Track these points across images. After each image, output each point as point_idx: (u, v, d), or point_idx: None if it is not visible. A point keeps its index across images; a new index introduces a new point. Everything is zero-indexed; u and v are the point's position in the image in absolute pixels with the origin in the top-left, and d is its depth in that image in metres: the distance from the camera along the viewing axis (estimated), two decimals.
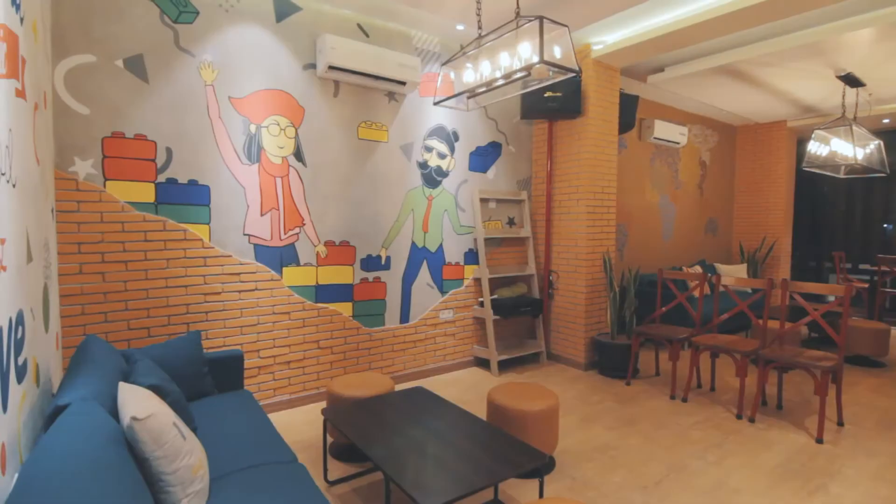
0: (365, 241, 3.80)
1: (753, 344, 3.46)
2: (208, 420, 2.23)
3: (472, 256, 4.44)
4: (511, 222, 4.72)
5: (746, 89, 5.40)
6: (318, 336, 3.61)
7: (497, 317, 4.28)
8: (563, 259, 4.54)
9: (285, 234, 3.44)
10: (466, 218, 4.39)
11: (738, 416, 3.33)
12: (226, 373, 2.71)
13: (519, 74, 2.38)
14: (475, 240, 4.43)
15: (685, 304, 3.99)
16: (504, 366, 4.50)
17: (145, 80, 2.93)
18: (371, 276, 3.84)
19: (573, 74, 2.30)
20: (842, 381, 3.32)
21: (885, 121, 6.55)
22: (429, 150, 4.11)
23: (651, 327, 4.00)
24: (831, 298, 6.54)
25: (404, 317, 4.04)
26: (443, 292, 4.26)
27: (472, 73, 2.70)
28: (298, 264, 3.50)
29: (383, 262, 3.90)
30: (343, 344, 3.73)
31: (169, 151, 3.01)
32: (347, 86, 3.66)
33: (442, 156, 4.19)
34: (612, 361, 4.17)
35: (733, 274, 6.42)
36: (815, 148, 4.66)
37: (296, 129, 3.45)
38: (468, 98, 3.08)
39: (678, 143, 6.18)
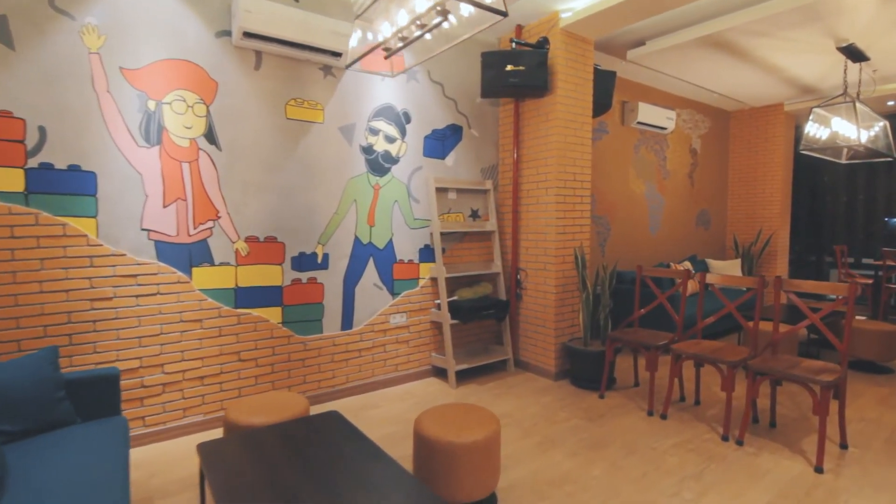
0: (296, 237, 3.31)
1: (742, 352, 2.98)
2: (37, 462, 1.75)
3: (428, 253, 3.95)
4: (475, 215, 4.23)
5: (737, 66, 4.89)
6: (239, 347, 3.13)
7: (455, 321, 3.79)
8: (532, 255, 4.05)
9: (195, 228, 2.95)
10: (421, 210, 3.90)
11: (724, 438, 2.84)
12: (96, 396, 2.23)
13: (436, 20, 1.88)
14: (431, 234, 3.94)
15: (666, 305, 3.50)
16: (465, 376, 4.01)
17: (10, 47, 2.44)
18: (305, 276, 3.35)
19: (501, 17, 1.80)
20: (845, 397, 2.83)
21: (891, 103, 6.05)
22: (374, 132, 3.62)
23: (627, 332, 3.51)
24: (833, 297, 6.05)
25: (347, 322, 3.56)
26: (394, 294, 3.78)
27: (389, 27, 2.20)
28: (212, 264, 3.01)
29: (320, 260, 3.41)
30: (271, 355, 3.25)
31: (42, 131, 2.52)
32: (272, 57, 3.17)
33: (390, 139, 3.70)
34: (585, 370, 3.69)
35: (726, 270, 5.93)
36: (813, 129, 4.16)
37: (207, 107, 2.96)
38: (386, 57, 2.58)
39: (665, 129, 5.68)
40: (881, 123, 4.68)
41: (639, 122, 5.35)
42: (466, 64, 4.08)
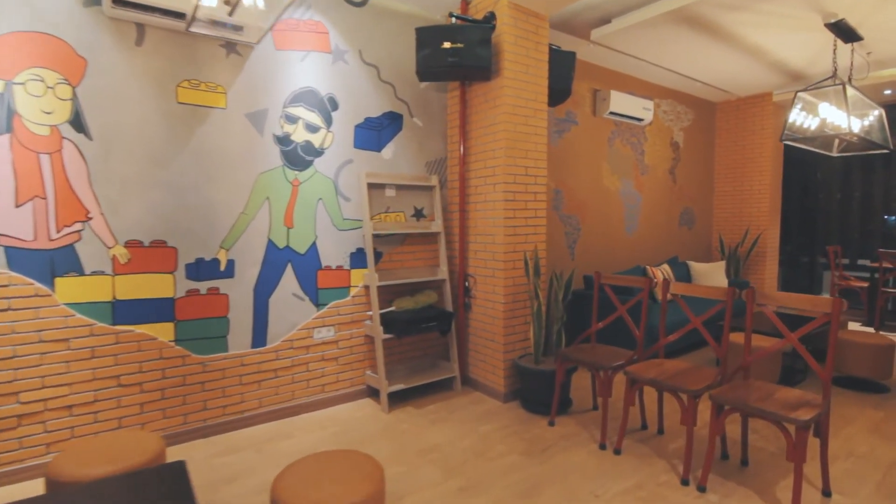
0: (192, 241, 2.85)
1: (708, 376, 2.51)
2: None
3: (361, 258, 3.49)
4: (419, 214, 3.76)
5: (716, 48, 4.42)
6: (119, 370, 2.66)
7: (389, 336, 3.32)
8: (481, 260, 3.58)
9: (58, 232, 2.49)
10: (352, 209, 3.43)
11: (684, 482, 2.38)
12: None
13: None
14: (365, 237, 3.47)
15: (626, 318, 3.03)
16: (403, 397, 3.55)
17: None
18: (204, 286, 2.89)
19: None
20: (828, 433, 2.37)
21: (887, 92, 5.58)
22: (292, 120, 3.15)
23: (581, 349, 3.05)
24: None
25: (259, 339, 3.09)
26: (318, 305, 3.31)
27: None
28: (82, 273, 2.54)
29: (223, 267, 2.95)
30: (160, 378, 2.78)
31: None
32: (158, 31, 2.70)
33: (313, 128, 3.23)
34: (536, 392, 3.23)
35: (709, 273, 5.46)
36: (798, 117, 3.69)
37: (73, 89, 2.49)
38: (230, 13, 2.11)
39: (642, 121, 5.21)
40: (876, 112, 4.20)
41: (611, 113, 4.88)
42: (406, 44, 3.61)
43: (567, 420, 3.13)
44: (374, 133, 3.51)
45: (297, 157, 3.18)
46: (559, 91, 3.69)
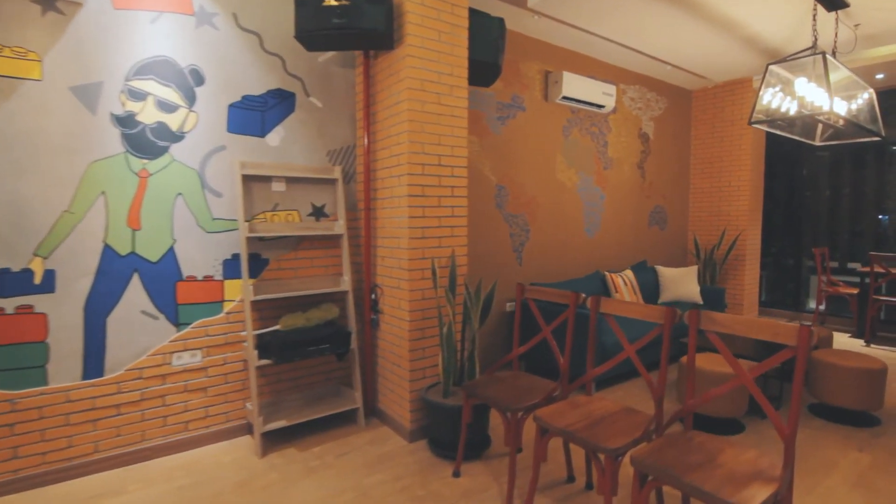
0: None
1: (638, 425, 1.90)
2: None
3: (239, 266, 2.87)
4: (319, 213, 3.14)
5: (681, 21, 3.82)
6: None
7: (266, 361, 2.71)
8: (388, 268, 2.97)
9: None
10: (226, 206, 2.82)
11: None
12: None
13: None
14: (240, 240, 2.86)
15: (550, 340, 2.43)
16: (291, 434, 2.93)
17: None
18: (10, 304, 2.27)
19: None
20: None
21: (879, 76, 4.98)
22: (138, 96, 2.53)
23: (491, 382, 2.44)
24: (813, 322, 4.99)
25: (94, 368, 2.47)
26: (178, 324, 2.69)
27: None
28: None
29: (38, 279, 2.33)
30: None
31: None
32: None
33: (168, 107, 2.62)
34: (445, 431, 2.62)
35: (680, 279, 4.85)
36: (769, 96, 3.08)
37: None
38: None
39: (603, 107, 4.61)
40: (866, 94, 3.60)
41: (565, 98, 4.28)
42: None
43: (479, 469, 2.52)
44: (256, 114, 2.90)
45: (146, 143, 2.56)
46: (485, 66, 3.07)
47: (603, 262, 4.96)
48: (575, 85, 4.27)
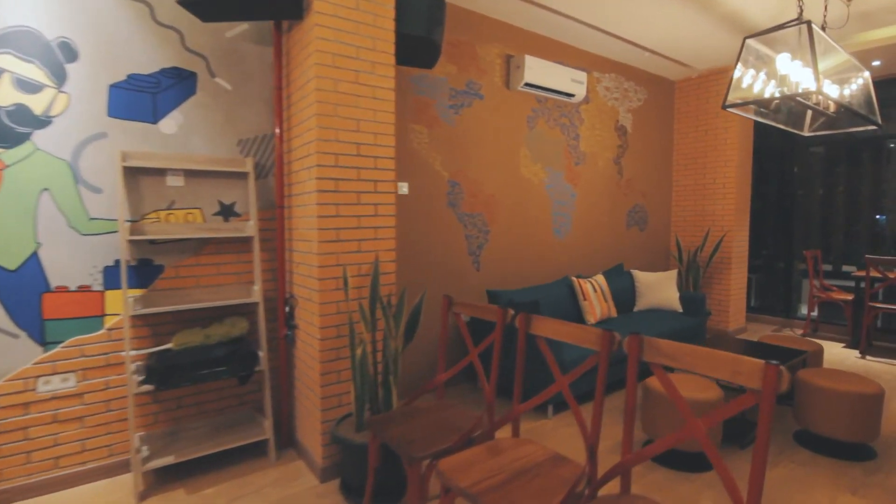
0: None
1: (566, 481, 1.48)
2: None
3: (129, 273, 2.45)
4: (228, 212, 2.73)
5: None
6: None
7: (148, 386, 2.28)
8: (302, 276, 2.56)
9: None
10: (104, 204, 2.40)
11: None
12: None
13: None
14: (120, 243, 2.44)
15: (476, 365, 2.01)
16: (188, 470, 2.51)
17: None
18: None
19: None
20: None
21: (876, 62, 4.57)
22: None
23: (399, 417, 2.02)
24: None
25: None
26: (45, 343, 2.27)
27: None
28: None
29: None
30: None
31: None
32: None
33: (30, 87, 2.20)
34: (356, 472, 2.20)
35: (658, 285, 4.44)
36: (745, 75, 2.66)
37: None
38: None
39: (573, 96, 4.20)
40: (861, 78, 3.19)
41: (527, 84, 3.86)
42: None
43: None
44: (146, 97, 2.47)
45: (1, 129, 2.15)
46: (419, 42, 2.65)
47: (575, 266, 4.54)
48: (539, 70, 3.85)
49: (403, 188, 3.37)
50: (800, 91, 2.42)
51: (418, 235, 3.46)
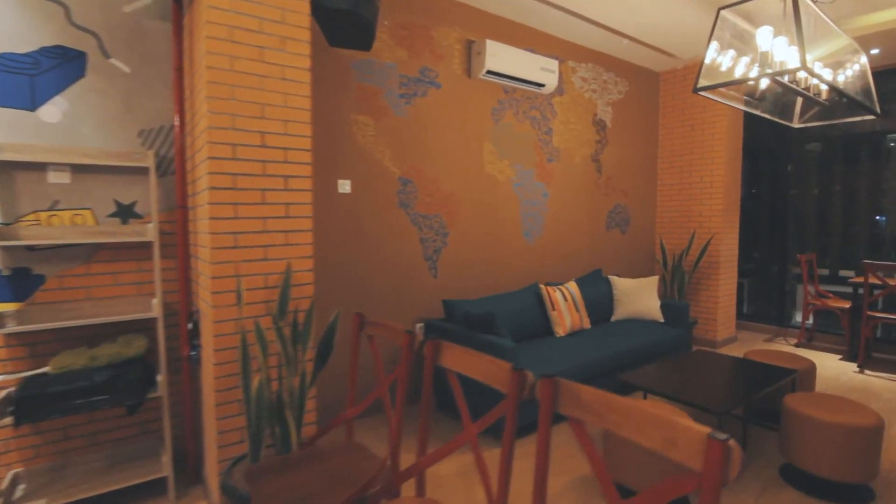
0: None
1: None
2: None
3: (2, 285, 2.11)
4: (128, 212, 2.37)
5: None
6: None
7: (7, 419, 1.93)
8: (203, 288, 2.20)
9: None
10: None
11: None
12: None
13: None
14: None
15: (384, 399, 1.65)
16: None
17: None
18: None
19: None
20: None
21: (875, 51, 4.21)
22: None
23: (290, 464, 1.66)
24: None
25: None
26: None
27: None
28: None
29: None
30: None
31: None
32: None
33: None
34: None
35: (639, 292, 4.07)
36: (719, 54, 2.30)
37: None
38: None
39: (542, 86, 3.84)
40: (857, 64, 2.83)
41: (489, 72, 3.50)
42: None
43: None
44: (22, 79, 2.12)
45: None
46: (344, 17, 2.29)
47: (547, 272, 4.18)
48: (502, 57, 3.50)
49: (345, 186, 3.01)
50: (793, 69, 2.05)
51: (363, 240, 3.10)
